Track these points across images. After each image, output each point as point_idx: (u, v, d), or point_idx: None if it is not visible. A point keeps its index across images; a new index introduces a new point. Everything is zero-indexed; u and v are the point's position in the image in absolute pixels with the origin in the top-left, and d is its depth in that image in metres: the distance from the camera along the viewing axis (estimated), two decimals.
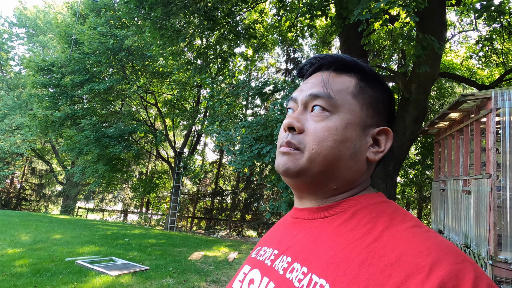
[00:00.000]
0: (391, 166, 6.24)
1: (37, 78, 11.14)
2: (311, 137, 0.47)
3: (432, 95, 11.33)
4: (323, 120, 0.47)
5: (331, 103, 0.47)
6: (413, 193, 13.13)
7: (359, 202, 0.47)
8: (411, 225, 0.41)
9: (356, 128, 0.47)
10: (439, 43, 4.31)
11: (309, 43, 14.60)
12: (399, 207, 0.46)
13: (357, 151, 0.47)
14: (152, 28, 6.17)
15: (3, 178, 17.96)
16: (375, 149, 0.49)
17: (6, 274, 4.07)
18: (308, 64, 0.54)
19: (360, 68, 0.51)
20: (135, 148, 11.80)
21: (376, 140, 0.50)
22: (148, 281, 4.30)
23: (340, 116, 0.47)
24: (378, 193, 0.50)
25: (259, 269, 0.49)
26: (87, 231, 8.41)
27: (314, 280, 0.40)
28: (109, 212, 19.03)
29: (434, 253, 0.36)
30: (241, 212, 16.26)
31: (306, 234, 0.47)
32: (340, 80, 0.49)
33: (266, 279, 0.46)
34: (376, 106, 0.50)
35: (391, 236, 0.39)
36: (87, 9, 12.22)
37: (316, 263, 0.41)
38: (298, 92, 0.52)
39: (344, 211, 0.46)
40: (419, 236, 0.39)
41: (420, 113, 5.96)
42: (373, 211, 0.45)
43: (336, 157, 0.46)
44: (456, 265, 0.35)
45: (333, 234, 0.44)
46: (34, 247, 5.80)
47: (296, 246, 0.47)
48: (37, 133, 12.64)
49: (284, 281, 0.43)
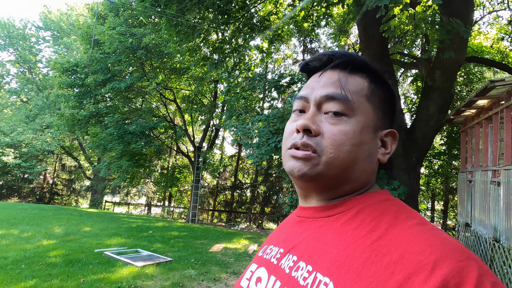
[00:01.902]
0: (414, 157, 6.02)
1: (63, 79, 11.68)
2: (329, 141, 0.45)
3: (459, 81, 10.73)
4: (340, 123, 0.46)
5: (348, 106, 0.46)
6: (439, 185, 12.63)
7: (363, 201, 0.47)
8: (416, 223, 0.41)
9: (369, 131, 0.48)
10: (465, 26, 4.05)
11: (326, 32, 14.24)
12: (403, 205, 0.46)
13: (371, 154, 0.48)
14: (168, 25, 6.24)
15: (36, 174, 19.15)
16: (383, 151, 0.50)
17: (42, 264, 4.38)
18: (317, 60, 0.51)
19: (369, 69, 0.50)
20: (156, 144, 12.15)
21: (383, 141, 0.50)
22: (171, 272, 4.47)
23: (356, 120, 0.46)
24: (383, 191, 0.49)
25: (266, 268, 0.50)
26: (114, 224, 8.83)
27: (318, 278, 0.40)
28: (134, 206, 19.81)
29: (437, 251, 0.35)
30: (260, 205, 16.39)
31: (311, 233, 0.47)
32: (354, 81, 0.48)
33: (273, 278, 0.47)
34: (384, 108, 0.50)
35: (395, 234, 0.39)
36: (106, 10, 12.56)
37: (320, 262, 0.42)
38: (309, 90, 0.50)
39: (348, 210, 0.46)
40: (423, 234, 0.38)
41: (445, 101, 5.68)
42: (377, 209, 0.44)
43: (353, 161, 0.46)
44: (460, 262, 0.34)
45: (337, 232, 0.44)
46: (66, 239, 6.18)
47: (301, 245, 0.47)
48: (65, 131, 13.31)
49: (290, 279, 0.43)
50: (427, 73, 5.88)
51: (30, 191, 21.32)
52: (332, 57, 0.50)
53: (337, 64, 0.49)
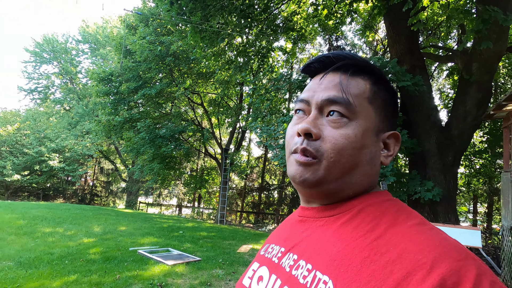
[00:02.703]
0: (450, 156, 5.66)
1: (99, 88, 12.52)
2: (329, 145, 0.45)
3: (502, 73, 9.90)
4: (342, 127, 0.45)
5: (350, 109, 0.46)
6: (481, 185, 11.71)
7: (364, 201, 0.47)
8: (415, 223, 0.41)
9: (371, 134, 0.47)
10: (504, 13, 3.75)
11: (352, 29, 13.85)
12: (404, 205, 0.45)
13: (373, 157, 0.47)
14: (193, 32, 6.46)
15: (78, 177, 20.67)
16: (385, 153, 0.49)
17: (82, 260, 4.72)
18: (318, 62, 0.51)
19: (372, 70, 0.49)
20: (185, 147, 12.57)
21: (386, 144, 0.50)
22: (200, 271, 4.59)
23: (358, 123, 0.46)
24: (384, 192, 0.49)
25: (267, 267, 0.51)
26: (147, 223, 9.26)
27: (317, 277, 0.41)
28: (165, 206, 20.63)
29: (436, 250, 0.35)
30: (288, 206, 16.28)
31: (312, 232, 0.48)
32: (356, 84, 0.47)
33: (274, 276, 0.47)
34: (387, 110, 0.50)
35: (394, 234, 0.39)
36: (137, 21, 13.28)
37: (320, 260, 0.42)
38: (310, 93, 0.49)
39: (349, 210, 0.46)
40: (422, 234, 0.38)
41: (484, 95, 5.28)
42: (377, 209, 0.44)
43: (355, 165, 0.45)
44: (458, 262, 0.34)
45: (337, 232, 0.44)
46: (104, 237, 6.60)
47: (302, 244, 0.48)
48: (102, 136, 14.22)
49: (290, 278, 0.44)
50: (464, 66, 5.50)
51: (73, 193, 23.04)
52: (334, 59, 0.49)
53: (339, 66, 0.49)
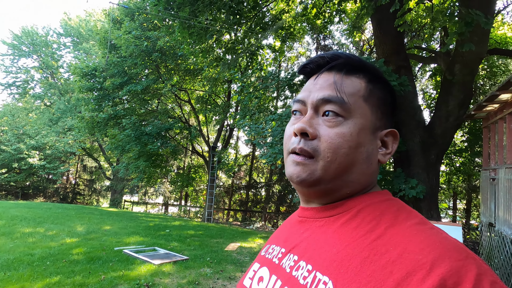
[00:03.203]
0: (433, 154, 5.83)
1: (82, 83, 12.12)
2: (325, 144, 0.45)
3: (482, 74, 10.27)
4: (337, 126, 0.46)
5: (345, 108, 0.46)
6: (461, 183, 12.16)
7: (363, 201, 0.47)
8: (415, 222, 0.41)
9: (368, 132, 0.47)
10: (486, 17, 3.88)
11: (340, 28, 14.00)
12: (404, 205, 0.45)
13: (370, 155, 0.48)
14: (181, 28, 6.35)
15: (60, 175, 20.02)
16: (383, 151, 0.49)
17: (65, 261, 4.57)
18: (313, 62, 0.52)
19: (367, 69, 0.50)
20: (172, 144, 12.39)
21: (384, 141, 0.50)
22: (188, 270, 4.55)
23: (353, 121, 0.46)
24: (383, 191, 0.49)
25: (268, 267, 0.51)
26: (133, 222, 9.08)
27: (317, 277, 0.41)
28: (151, 205, 20.31)
29: (436, 250, 0.35)
30: (275, 204, 16.38)
31: (312, 233, 0.48)
32: (351, 83, 0.48)
33: (274, 277, 0.48)
34: (384, 108, 0.50)
35: (394, 234, 0.39)
36: (122, 15, 12.92)
37: (320, 261, 0.42)
38: (306, 93, 0.50)
39: (348, 210, 0.46)
40: (422, 233, 0.38)
41: (466, 96, 5.47)
42: (377, 209, 0.44)
43: (351, 163, 0.46)
44: (458, 262, 0.34)
45: (337, 232, 0.44)
46: (87, 237, 6.42)
47: (302, 244, 0.48)
48: (85, 133, 13.81)
49: (290, 278, 0.44)
50: (446, 67, 5.67)
51: (54, 191, 22.29)
52: (328, 59, 0.50)
53: (333, 66, 0.49)
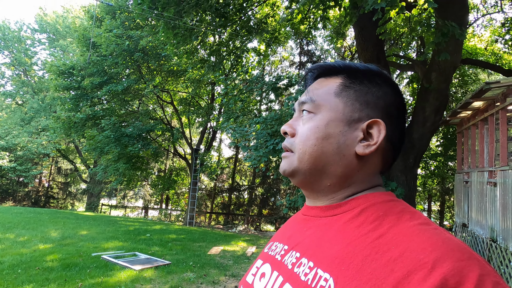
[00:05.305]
0: (411, 158, 6.06)
1: (59, 82, 11.61)
2: (299, 139, 0.52)
3: (454, 82, 10.85)
4: (308, 121, 0.51)
5: (314, 105, 0.51)
6: (435, 185, 12.72)
7: (367, 200, 0.47)
8: (419, 222, 0.41)
9: (339, 124, 0.49)
10: (460, 28, 4.11)
11: (323, 34, 14.32)
12: (408, 206, 0.46)
13: (342, 146, 0.48)
14: (165, 28, 6.25)
15: (32, 177, 18.96)
16: (365, 143, 0.48)
17: (39, 268, 4.33)
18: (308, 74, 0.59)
19: (347, 69, 0.53)
20: (153, 146, 12.10)
21: (369, 133, 0.49)
22: (170, 275, 4.44)
23: (322, 115, 0.50)
24: (387, 192, 0.49)
25: (270, 264, 0.52)
26: (111, 227, 8.76)
27: (319, 274, 0.41)
28: (131, 209, 19.68)
29: (438, 249, 0.35)
30: (258, 207, 16.37)
31: (315, 231, 0.49)
32: (326, 83, 0.53)
33: (276, 273, 0.49)
34: (365, 99, 0.50)
35: (397, 233, 0.40)
36: (103, 12, 12.53)
37: (322, 258, 0.43)
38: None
39: (352, 209, 0.47)
40: (425, 233, 0.38)
41: (441, 103, 5.73)
42: (380, 209, 0.45)
43: (320, 154, 0.49)
44: (461, 262, 0.34)
45: (340, 230, 0.45)
46: (62, 242, 6.12)
47: (305, 242, 0.49)
48: (61, 134, 13.21)
49: (292, 275, 0.45)
50: (423, 75, 5.93)
51: (25, 195, 21.10)
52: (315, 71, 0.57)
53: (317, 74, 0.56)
